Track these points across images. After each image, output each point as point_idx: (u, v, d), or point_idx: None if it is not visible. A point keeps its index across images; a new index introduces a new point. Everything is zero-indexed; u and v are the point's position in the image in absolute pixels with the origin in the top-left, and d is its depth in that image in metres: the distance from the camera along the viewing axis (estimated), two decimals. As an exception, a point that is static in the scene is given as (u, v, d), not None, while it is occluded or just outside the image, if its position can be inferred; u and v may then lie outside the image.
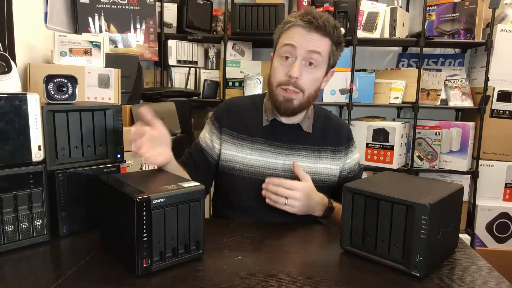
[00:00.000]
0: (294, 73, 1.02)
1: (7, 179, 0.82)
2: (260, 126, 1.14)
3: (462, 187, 0.87)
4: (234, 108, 1.19)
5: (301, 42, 1.02)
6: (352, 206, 0.84)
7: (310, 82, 1.06)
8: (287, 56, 1.05)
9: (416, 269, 0.74)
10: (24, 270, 0.76)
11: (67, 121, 0.90)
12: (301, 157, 1.13)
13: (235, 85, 2.28)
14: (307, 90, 1.06)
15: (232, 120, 1.16)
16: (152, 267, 0.74)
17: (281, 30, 1.08)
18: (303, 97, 1.06)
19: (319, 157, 1.15)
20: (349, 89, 2.16)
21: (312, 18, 1.01)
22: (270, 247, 0.89)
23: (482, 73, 2.19)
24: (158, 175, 0.90)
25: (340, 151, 1.17)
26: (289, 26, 1.05)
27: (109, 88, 1.43)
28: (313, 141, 1.15)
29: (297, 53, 1.03)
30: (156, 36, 2.10)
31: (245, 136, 1.14)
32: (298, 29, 1.03)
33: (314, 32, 1.02)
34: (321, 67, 1.06)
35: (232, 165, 1.14)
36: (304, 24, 1.02)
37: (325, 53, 1.05)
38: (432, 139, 2.24)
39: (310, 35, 1.02)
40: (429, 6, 2.24)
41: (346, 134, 1.21)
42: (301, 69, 1.03)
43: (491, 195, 2.26)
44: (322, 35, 1.03)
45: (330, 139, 1.17)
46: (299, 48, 1.02)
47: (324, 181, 1.15)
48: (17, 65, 1.34)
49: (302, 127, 1.14)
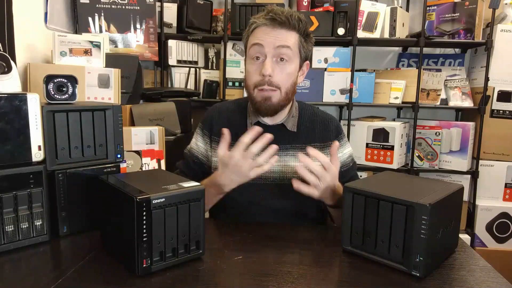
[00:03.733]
0: (266, 71, 1.02)
1: (7, 179, 0.82)
2: (245, 130, 1.12)
3: (462, 187, 0.87)
4: (221, 114, 1.19)
5: (268, 40, 1.02)
6: (352, 206, 0.84)
7: (285, 77, 1.05)
8: (257, 56, 1.05)
9: (416, 269, 0.74)
10: (24, 270, 0.76)
11: (67, 121, 0.90)
12: (289, 156, 1.12)
13: (235, 85, 2.28)
14: (283, 86, 1.05)
15: (219, 126, 1.14)
16: (152, 267, 0.74)
17: (247, 33, 1.09)
18: (281, 93, 1.06)
19: (307, 154, 1.13)
20: (349, 89, 2.16)
21: (274, 15, 1.02)
22: (270, 247, 0.89)
23: (482, 73, 2.19)
24: (158, 175, 0.90)
25: (329, 146, 1.13)
26: (254, 27, 1.06)
27: (109, 88, 1.43)
28: (299, 139, 1.14)
29: (265, 51, 1.03)
30: (156, 36, 2.10)
31: (232, 142, 1.12)
32: (263, 28, 1.04)
33: (278, 28, 1.02)
34: (292, 61, 1.06)
35: None
36: (268, 21, 1.02)
37: (294, 46, 1.04)
38: (432, 139, 2.24)
39: (275, 32, 1.02)
40: (429, 6, 2.24)
41: (334, 128, 1.18)
42: (273, 66, 1.03)
43: (491, 195, 2.25)
44: (287, 30, 1.03)
45: (317, 135, 1.15)
46: (266, 45, 1.02)
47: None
48: (17, 65, 1.34)
49: (286, 126, 1.13)
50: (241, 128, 1.13)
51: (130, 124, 1.57)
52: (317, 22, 2.13)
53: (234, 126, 1.14)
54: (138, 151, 1.34)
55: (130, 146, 1.31)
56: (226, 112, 1.19)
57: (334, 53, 2.20)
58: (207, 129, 1.18)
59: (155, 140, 1.38)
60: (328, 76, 2.18)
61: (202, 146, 1.19)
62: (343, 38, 2.15)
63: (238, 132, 1.12)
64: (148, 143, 1.37)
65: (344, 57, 2.21)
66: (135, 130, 1.33)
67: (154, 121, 1.65)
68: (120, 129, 0.98)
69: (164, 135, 1.43)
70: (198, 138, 1.21)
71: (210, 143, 1.17)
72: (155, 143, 1.38)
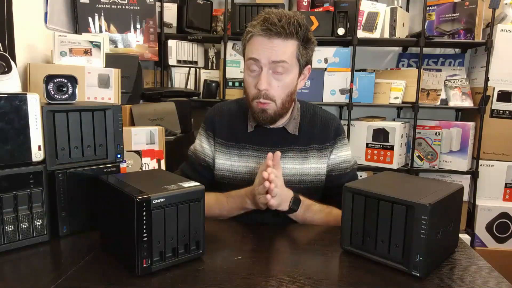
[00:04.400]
0: (261, 86, 1.01)
1: (7, 179, 0.82)
2: (245, 132, 1.13)
3: (462, 187, 0.86)
4: (224, 114, 1.18)
5: (263, 53, 1.00)
6: (352, 206, 0.83)
7: (281, 89, 1.04)
8: (254, 69, 1.04)
9: (416, 269, 0.74)
10: (24, 270, 0.76)
11: (67, 121, 0.90)
12: (287, 159, 1.11)
13: (235, 85, 2.28)
14: (278, 98, 1.04)
15: (222, 128, 1.16)
16: (152, 267, 0.74)
17: (245, 41, 1.06)
18: (276, 105, 1.05)
19: (306, 157, 1.12)
20: (349, 89, 2.16)
21: (270, 25, 0.98)
22: (270, 247, 0.89)
23: (482, 73, 2.19)
24: (158, 175, 0.90)
25: (326, 148, 1.13)
26: (250, 36, 1.03)
27: (109, 88, 1.43)
28: (299, 141, 1.13)
29: (261, 64, 1.01)
30: (156, 36, 2.10)
31: (233, 143, 1.14)
32: (259, 38, 1.01)
33: (275, 38, 0.99)
34: (290, 72, 1.04)
35: (221, 174, 1.15)
36: (263, 32, 0.99)
37: (291, 58, 1.02)
38: (432, 139, 2.24)
39: (272, 42, 1.00)
40: (429, 6, 2.24)
41: (334, 129, 1.15)
42: (268, 80, 1.02)
43: (491, 195, 2.25)
44: (284, 39, 1.00)
45: (316, 137, 1.13)
46: (262, 60, 1.00)
47: (312, 181, 1.12)
48: (17, 65, 1.34)
49: (288, 130, 1.13)
50: (243, 131, 1.14)
51: (130, 124, 1.57)
52: (317, 22, 2.13)
53: (235, 128, 1.15)
54: (138, 151, 1.34)
55: (130, 146, 1.31)
56: (228, 113, 1.19)
57: (334, 53, 2.20)
58: (211, 130, 1.18)
59: (155, 140, 1.38)
60: (328, 76, 2.18)
61: (207, 148, 1.18)
62: (343, 38, 2.15)
63: (238, 135, 1.14)
64: (148, 143, 1.37)
65: (344, 57, 2.20)
66: (135, 130, 1.33)
67: (154, 121, 1.65)
68: (120, 129, 0.98)
69: (164, 135, 1.43)
70: (203, 140, 1.19)
71: (214, 145, 1.17)
72: (155, 143, 1.38)
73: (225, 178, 1.14)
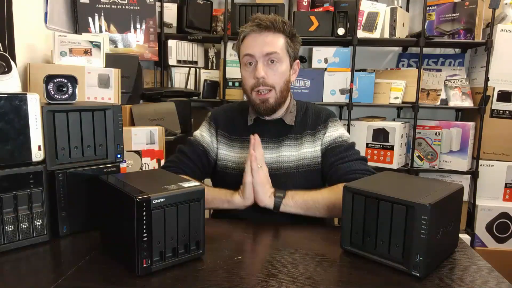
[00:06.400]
0: (259, 74, 1.12)
1: (7, 179, 0.82)
2: (246, 126, 1.22)
3: (462, 187, 0.87)
4: (227, 112, 1.28)
5: (257, 48, 1.12)
6: (352, 206, 0.84)
7: (278, 76, 1.14)
8: (250, 62, 1.15)
9: (416, 269, 0.74)
10: (24, 270, 0.76)
11: (67, 121, 0.90)
12: (285, 147, 1.19)
13: (235, 85, 2.28)
14: (277, 84, 1.14)
15: (225, 123, 1.26)
16: (152, 267, 0.74)
17: (239, 42, 1.18)
18: (276, 92, 1.15)
19: (301, 143, 1.20)
20: (349, 89, 2.16)
21: (260, 21, 1.12)
22: (270, 247, 0.89)
23: (482, 73, 2.19)
24: (158, 175, 0.90)
25: (319, 130, 1.20)
26: (243, 36, 1.16)
27: (109, 88, 1.43)
28: (295, 130, 1.21)
29: (256, 58, 1.13)
30: (156, 36, 2.10)
31: (236, 137, 1.23)
32: (252, 35, 1.14)
33: (265, 31, 1.13)
34: (283, 61, 1.15)
35: (225, 164, 1.23)
36: (254, 27, 1.13)
37: (281, 49, 1.14)
38: (432, 139, 2.24)
39: (263, 36, 1.13)
40: (429, 6, 2.24)
41: (325, 115, 1.23)
42: (265, 69, 1.13)
43: (491, 195, 2.25)
44: (274, 32, 1.13)
45: (309, 124, 1.22)
46: (256, 54, 1.12)
47: (309, 165, 1.18)
48: (17, 65, 1.34)
49: (285, 121, 1.20)
50: (244, 125, 1.23)
51: (130, 124, 1.57)
52: (317, 22, 2.13)
53: (236, 123, 1.24)
54: (138, 151, 1.35)
55: (130, 146, 1.31)
56: (230, 110, 1.29)
57: (334, 53, 2.20)
58: (214, 123, 1.26)
59: (155, 140, 1.38)
60: (328, 76, 2.18)
61: (206, 136, 1.25)
62: (343, 38, 2.15)
63: (240, 129, 1.23)
64: (148, 143, 1.37)
65: (344, 57, 2.21)
66: (135, 130, 1.33)
67: (154, 121, 1.66)
68: (120, 129, 0.98)
69: (164, 135, 1.43)
70: (204, 129, 1.27)
71: (216, 136, 1.25)
72: (155, 143, 1.38)
73: (228, 168, 1.22)
